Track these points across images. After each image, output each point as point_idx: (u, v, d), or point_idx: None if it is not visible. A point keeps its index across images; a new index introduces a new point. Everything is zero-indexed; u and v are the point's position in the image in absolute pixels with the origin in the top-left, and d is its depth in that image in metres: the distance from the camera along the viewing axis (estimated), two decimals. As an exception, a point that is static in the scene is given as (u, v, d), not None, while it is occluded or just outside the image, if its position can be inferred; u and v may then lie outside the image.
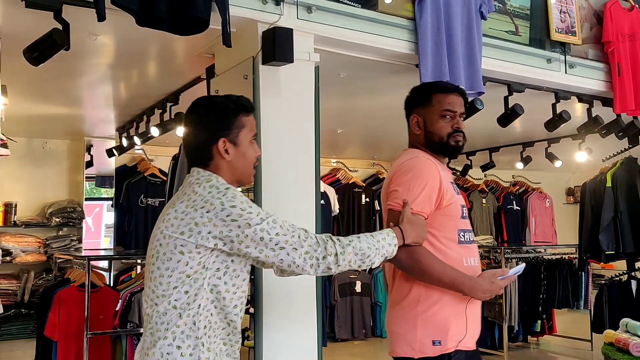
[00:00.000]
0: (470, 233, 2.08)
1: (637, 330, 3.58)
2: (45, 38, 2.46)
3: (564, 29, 4.02)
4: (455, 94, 2.12)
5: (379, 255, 1.77)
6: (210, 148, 1.75)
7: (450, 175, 2.14)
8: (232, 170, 1.75)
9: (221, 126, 1.75)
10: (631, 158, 5.26)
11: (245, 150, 1.77)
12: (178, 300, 1.64)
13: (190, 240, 1.63)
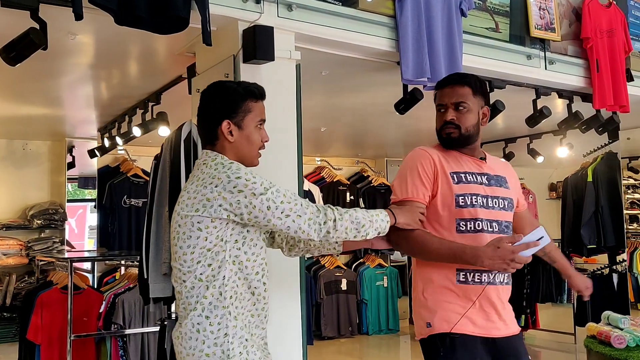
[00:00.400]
0: (483, 222, 2.04)
1: (619, 322, 3.63)
2: (22, 38, 2.42)
3: (544, 26, 4.06)
4: (449, 87, 2.15)
5: (372, 228, 1.87)
6: (215, 129, 1.87)
7: (464, 166, 2.12)
8: (235, 151, 1.87)
9: (227, 109, 1.87)
10: (611, 153, 5.33)
11: (249, 134, 1.89)
12: (203, 274, 1.77)
13: (205, 215, 1.75)
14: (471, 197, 2.06)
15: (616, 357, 3.31)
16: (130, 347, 4.31)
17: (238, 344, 1.79)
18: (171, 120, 4.35)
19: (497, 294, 2.06)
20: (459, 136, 2.10)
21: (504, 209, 2.12)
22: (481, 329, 2.03)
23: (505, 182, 2.18)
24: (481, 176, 2.12)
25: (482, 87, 2.17)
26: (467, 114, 2.10)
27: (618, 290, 5.34)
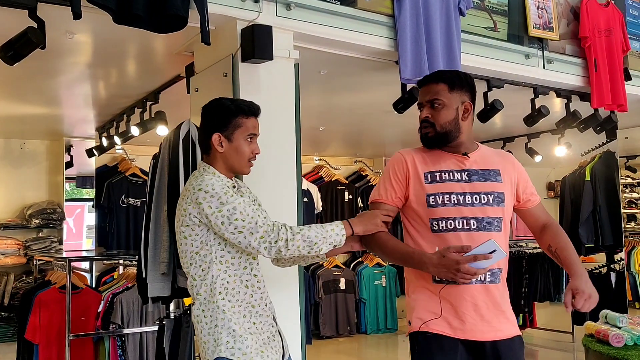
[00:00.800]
0: (456, 220, 2.01)
1: (617, 321, 3.63)
2: (20, 37, 2.42)
3: (542, 25, 4.06)
4: (424, 86, 2.14)
5: (326, 243, 2.01)
6: (208, 140, 2.09)
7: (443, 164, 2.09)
8: (224, 160, 2.09)
9: (219, 123, 2.08)
10: (609, 152, 5.34)
11: (238, 146, 2.09)
12: (196, 274, 2.03)
13: (185, 224, 2.01)
14: (443, 196, 2.04)
15: (614, 355, 3.31)
16: (128, 347, 4.30)
17: (226, 334, 2.00)
18: (169, 120, 4.34)
19: (476, 293, 1.99)
20: (435, 134, 2.08)
21: (487, 204, 2.03)
22: (459, 331, 1.99)
23: (496, 175, 2.08)
24: (461, 173, 2.07)
25: (462, 82, 2.11)
26: (442, 110, 2.07)
27: (616, 289, 5.35)
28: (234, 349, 1.98)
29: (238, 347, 1.98)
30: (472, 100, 2.15)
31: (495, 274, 2.02)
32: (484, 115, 4.08)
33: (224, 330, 2.00)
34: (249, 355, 1.99)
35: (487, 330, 2.00)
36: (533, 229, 2.24)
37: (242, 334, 2.00)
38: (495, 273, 2.02)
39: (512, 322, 2.06)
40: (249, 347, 2.00)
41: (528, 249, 6.49)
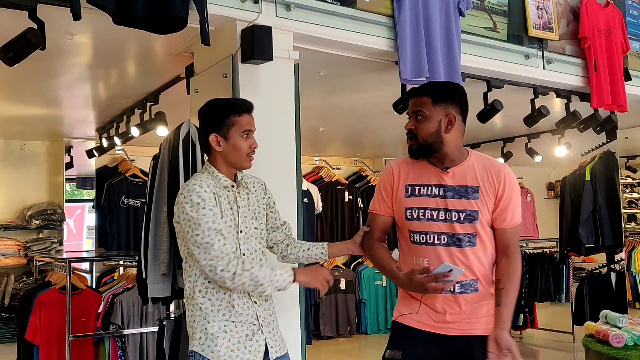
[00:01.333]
0: (429, 235, 2.12)
1: (617, 321, 3.64)
2: (20, 38, 2.41)
3: (541, 25, 4.06)
4: (412, 98, 2.20)
5: (271, 286, 2.09)
6: (206, 141, 2.20)
7: (424, 177, 2.17)
8: (224, 158, 2.19)
9: (214, 124, 2.18)
10: (609, 152, 5.34)
11: (235, 144, 2.17)
12: (185, 271, 2.19)
13: (176, 222, 2.14)
14: (418, 211, 2.14)
15: (614, 355, 3.31)
16: (128, 347, 4.31)
17: (199, 331, 2.13)
18: (169, 121, 4.34)
19: (445, 300, 2.12)
20: (418, 146, 2.15)
21: (458, 222, 2.10)
22: (427, 325, 2.15)
23: (472, 192, 2.11)
24: (438, 188, 2.14)
25: (447, 95, 2.15)
26: (425, 123, 2.13)
27: (616, 289, 5.34)
28: (204, 346, 2.11)
29: (208, 345, 2.10)
30: (462, 111, 2.18)
31: (465, 285, 2.11)
32: (483, 115, 4.08)
33: (198, 327, 2.13)
34: (217, 353, 2.09)
35: (453, 328, 2.13)
36: (496, 247, 2.20)
37: (214, 332, 2.11)
38: (465, 285, 2.11)
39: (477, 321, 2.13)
40: (218, 345, 2.10)
41: (528, 249, 6.49)
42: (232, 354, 2.10)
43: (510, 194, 2.13)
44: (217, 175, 2.18)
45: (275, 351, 2.21)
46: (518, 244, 2.19)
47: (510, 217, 2.15)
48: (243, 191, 2.25)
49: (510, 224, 2.15)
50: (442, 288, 2.02)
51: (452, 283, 2.05)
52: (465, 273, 2.09)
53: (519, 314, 6.41)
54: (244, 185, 2.27)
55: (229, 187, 2.19)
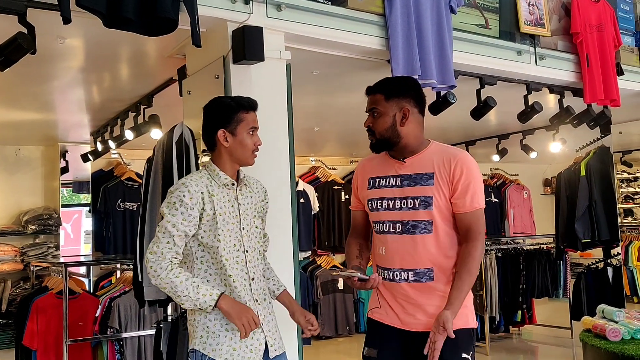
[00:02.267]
0: (385, 224, 2.21)
1: (614, 315, 3.63)
2: (10, 42, 2.41)
3: (533, 22, 4.07)
4: (368, 95, 2.27)
5: (188, 302, 2.07)
6: (213, 136, 2.21)
7: (384, 170, 2.26)
8: (230, 154, 2.20)
9: (222, 120, 2.20)
10: (604, 147, 5.35)
11: (242, 140, 2.20)
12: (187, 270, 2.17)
13: None
14: (377, 202, 2.25)
15: (611, 350, 3.31)
16: (127, 351, 4.30)
17: (201, 329, 2.14)
18: (163, 123, 4.34)
19: (401, 290, 2.19)
20: (376, 142, 2.24)
21: (413, 208, 2.16)
22: (393, 321, 2.21)
23: (427, 179, 2.15)
24: (395, 178, 2.22)
25: (400, 90, 2.21)
26: (380, 118, 2.20)
27: (613, 284, 5.35)
28: (206, 344, 2.12)
29: (209, 343, 2.11)
30: (417, 104, 2.23)
31: (419, 274, 2.16)
32: (477, 112, 4.08)
33: (199, 325, 2.14)
34: (219, 351, 2.10)
35: (412, 323, 2.17)
36: (459, 234, 2.20)
37: (216, 330, 2.12)
38: (419, 273, 2.16)
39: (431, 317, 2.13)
40: (220, 344, 2.11)
41: (525, 246, 6.50)
42: (234, 353, 2.11)
43: (467, 178, 2.13)
44: (217, 174, 2.19)
45: (275, 349, 2.22)
46: (481, 230, 2.15)
47: (470, 201, 2.13)
48: (246, 189, 2.27)
49: (469, 207, 2.14)
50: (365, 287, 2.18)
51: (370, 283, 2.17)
52: (420, 261, 2.15)
53: (516, 311, 6.42)
54: (246, 183, 2.29)
55: (229, 185, 2.20)
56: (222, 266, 2.13)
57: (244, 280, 2.17)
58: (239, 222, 2.20)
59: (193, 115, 2.98)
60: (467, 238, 2.15)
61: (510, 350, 6.15)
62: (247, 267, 2.19)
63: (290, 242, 2.95)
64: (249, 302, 2.17)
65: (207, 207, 2.12)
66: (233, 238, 2.17)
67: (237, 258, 2.17)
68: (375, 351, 2.21)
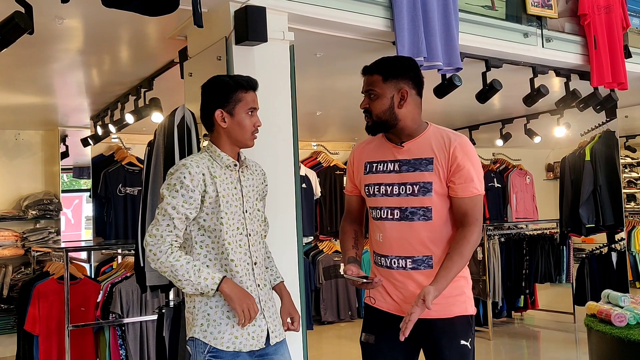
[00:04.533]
0: (382, 210, 2.16)
1: (619, 301, 3.61)
2: (7, 22, 2.36)
3: (540, 3, 3.99)
4: (364, 76, 2.21)
5: (190, 286, 2.02)
6: (211, 117, 2.14)
7: (381, 154, 2.19)
8: (228, 135, 2.14)
9: (220, 99, 2.13)
10: (609, 131, 5.30)
11: (240, 120, 2.13)
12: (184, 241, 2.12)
13: None
14: (374, 187, 2.19)
15: (617, 335, 3.29)
16: (128, 336, 4.29)
17: (202, 317, 2.08)
18: (164, 106, 4.29)
19: (399, 277, 2.14)
20: (373, 124, 2.16)
21: (412, 195, 2.09)
22: (391, 306, 2.17)
23: (426, 164, 2.09)
24: (393, 163, 2.15)
25: (398, 71, 2.13)
26: (377, 100, 2.13)
27: (617, 269, 5.33)
28: (206, 332, 2.06)
29: (210, 331, 2.06)
30: (415, 85, 2.15)
31: (417, 261, 2.11)
32: (482, 96, 4.03)
33: (200, 313, 2.08)
34: (220, 340, 2.05)
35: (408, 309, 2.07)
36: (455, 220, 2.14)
37: (217, 318, 2.07)
38: (418, 260, 2.11)
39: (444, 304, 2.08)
40: (222, 332, 2.06)
41: (528, 231, 6.48)
42: (236, 340, 2.06)
43: (464, 162, 2.07)
44: (219, 155, 2.13)
45: (275, 336, 2.18)
46: (478, 217, 2.09)
47: (467, 186, 2.07)
48: (247, 172, 2.22)
49: (467, 193, 2.07)
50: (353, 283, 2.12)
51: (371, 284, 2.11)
52: (418, 249, 2.10)
53: (519, 296, 6.42)
54: (247, 165, 2.23)
55: (231, 166, 2.14)
56: (223, 250, 2.08)
57: (246, 265, 2.12)
58: (242, 204, 2.14)
59: (195, 98, 2.92)
60: (463, 223, 2.09)
61: (513, 335, 6.15)
62: (250, 251, 2.14)
63: (294, 226, 2.92)
64: (251, 287, 2.12)
65: (209, 189, 2.06)
66: (236, 221, 2.11)
67: (240, 242, 2.12)
68: (373, 337, 2.18)
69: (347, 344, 6.19)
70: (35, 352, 4.24)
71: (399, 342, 2.06)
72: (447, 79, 3.64)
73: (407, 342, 2.07)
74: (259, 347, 2.11)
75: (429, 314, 2.04)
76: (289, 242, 2.88)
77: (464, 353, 2.09)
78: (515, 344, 5.92)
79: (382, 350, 2.15)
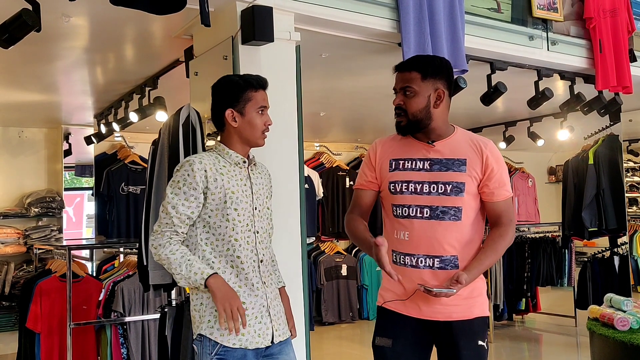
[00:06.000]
0: (411, 208, 2.12)
1: (622, 305, 3.61)
2: (15, 19, 2.36)
3: (546, 6, 3.99)
4: (398, 72, 2.18)
5: (183, 280, 2.03)
6: (222, 116, 2.15)
7: (409, 152, 2.18)
8: (239, 134, 2.15)
9: (230, 99, 2.14)
10: (613, 135, 5.29)
11: (251, 119, 2.13)
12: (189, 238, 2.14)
13: None
14: (401, 185, 2.15)
15: (620, 339, 3.29)
16: (130, 335, 4.29)
17: (209, 314, 2.07)
18: (169, 105, 4.28)
19: (425, 278, 2.10)
20: (407, 122, 2.14)
21: (444, 194, 2.10)
22: (411, 310, 2.13)
23: (460, 165, 2.12)
24: (423, 162, 2.14)
25: (436, 70, 2.14)
26: (414, 98, 2.11)
27: (619, 273, 5.32)
28: (213, 329, 2.05)
29: (217, 328, 2.05)
30: (448, 86, 2.17)
31: (445, 261, 2.10)
32: (487, 98, 4.02)
33: (207, 309, 2.07)
34: (227, 337, 2.04)
35: (436, 312, 2.11)
36: (489, 221, 2.23)
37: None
38: (445, 260, 2.10)
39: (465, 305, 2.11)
40: (228, 328, 2.04)
41: (530, 234, 6.47)
42: (242, 338, 2.06)
43: (498, 167, 2.14)
44: (227, 152, 2.14)
45: (279, 335, 2.17)
46: (512, 217, 2.18)
47: (501, 190, 2.14)
48: (256, 170, 2.23)
49: (501, 197, 2.15)
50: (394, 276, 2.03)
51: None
52: (447, 248, 2.09)
53: (521, 299, 6.41)
54: (255, 164, 2.24)
55: (240, 163, 2.15)
56: (230, 247, 2.08)
57: (252, 262, 2.12)
58: (252, 201, 2.14)
59: (200, 97, 2.93)
60: (499, 224, 2.16)
61: (514, 338, 6.15)
62: (257, 249, 2.14)
63: (298, 226, 2.91)
64: (257, 283, 2.12)
65: (212, 187, 2.06)
66: (246, 217, 2.11)
67: (248, 238, 2.12)
68: (390, 341, 2.14)
69: (348, 345, 6.19)
70: (36, 349, 4.25)
71: (415, 345, 2.11)
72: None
73: (423, 344, 2.12)
74: (265, 344, 2.11)
75: (451, 315, 2.08)
76: (293, 242, 2.88)
77: (481, 353, 2.11)
78: (516, 347, 5.91)
79: (399, 353, 2.14)
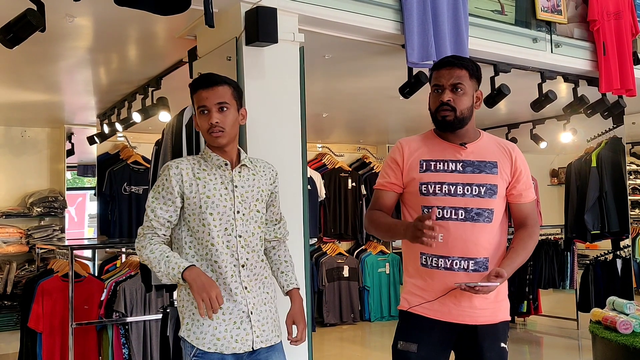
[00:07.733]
0: (445, 209, 2.10)
1: (624, 308, 3.60)
2: (19, 19, 2.36)
3: (550, 8, 3.99)
4: (446, 69, 2.15)
5: (165, 277, 2.03)
6: None
7: (440, 153, 2.17)
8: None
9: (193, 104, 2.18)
10: (616, 138, 5.29)
11: (197, 121, 2.15)
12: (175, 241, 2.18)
13: None
14: (434, 186, 2.13)
15: (622, 342, 3.28)
16: (132, 335, 4.28)
17: (188, 316, 2.09)
18: (172, 106, 4.29)
19: (458, 280, 2.07)
20: (454, 119, 2.12)
21: (478, 196, 2.11)
22: (438, 313, 2.11)
23: (492, 167, 2.14)
24: (456, 163, 2.15)
25: (477, 71, 2.19)
26: (463, 96, 2.12)
27: (622, 276, 5.32)
28: (190, 332, 2.07)
29: (193, 331, 2.06)
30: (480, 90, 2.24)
31: (479, 263, 2.10)
32: (490, 100, 4.01)
33: (186, 312, 2.10)
34: (202, 340, 2.05)
35: (464, 315, 2.10)
36: (514, 223, 2.28)
37: (200, 318, 2.06)
38: (479, 262, 2.10)
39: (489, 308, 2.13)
40: (204, 332, 2.06)
41: (532, 236, 6.45)
42: (217, 342, 2.04)
43: (525, 170, 2.20)
44: (209, 155, 2.14)
45: (261, 341, 2.10)
46: (537, 218, 2.23)
47: (528, 192, 2.21)
48: (245, 171, 2.17)
49: (528, 199, 2.21)
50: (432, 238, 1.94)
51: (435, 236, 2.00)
52: (480, 250, 2.10)
53: (522, 301, 6.40)
54: (247, 165, 2.18)
55: (222, 166, 2.13)
56: (207, 251, 2.07)
57: (232, 267, 2.08)
58: (233, 205, 2.10)
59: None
60: (525, 225, 2.21)
61: (516, 341, 6.13)
62: (238, 253, 2.09)
63: (301, 227, 2.91)
64: (237, 289, 2.08)
65: (187, 191, 2.07)
66: (224, 222, 2.08)
67: (228, 243, 2.09)
68: (415, 345, 2.12)
69: (349, 346, 6.18)
70: (38, 349, 4.24)
71: (439, 348, 2.12)
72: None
73: (445, 347, 2.13)
74: (244, 350, 2.07)
75: (477, 319, 2.10)
76: (296, 243, 2.87)
77: (502, 355, 2.14)
78: (517, 349, 5.90)
79: (424, 358, 2.12)
